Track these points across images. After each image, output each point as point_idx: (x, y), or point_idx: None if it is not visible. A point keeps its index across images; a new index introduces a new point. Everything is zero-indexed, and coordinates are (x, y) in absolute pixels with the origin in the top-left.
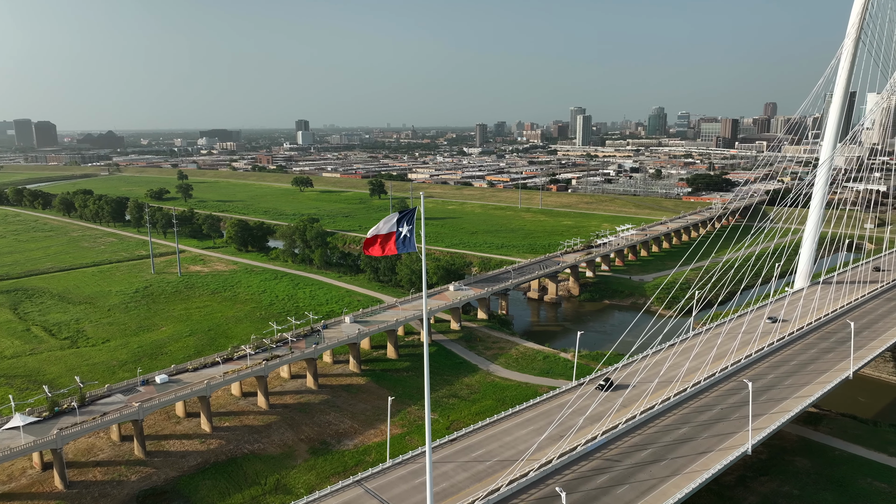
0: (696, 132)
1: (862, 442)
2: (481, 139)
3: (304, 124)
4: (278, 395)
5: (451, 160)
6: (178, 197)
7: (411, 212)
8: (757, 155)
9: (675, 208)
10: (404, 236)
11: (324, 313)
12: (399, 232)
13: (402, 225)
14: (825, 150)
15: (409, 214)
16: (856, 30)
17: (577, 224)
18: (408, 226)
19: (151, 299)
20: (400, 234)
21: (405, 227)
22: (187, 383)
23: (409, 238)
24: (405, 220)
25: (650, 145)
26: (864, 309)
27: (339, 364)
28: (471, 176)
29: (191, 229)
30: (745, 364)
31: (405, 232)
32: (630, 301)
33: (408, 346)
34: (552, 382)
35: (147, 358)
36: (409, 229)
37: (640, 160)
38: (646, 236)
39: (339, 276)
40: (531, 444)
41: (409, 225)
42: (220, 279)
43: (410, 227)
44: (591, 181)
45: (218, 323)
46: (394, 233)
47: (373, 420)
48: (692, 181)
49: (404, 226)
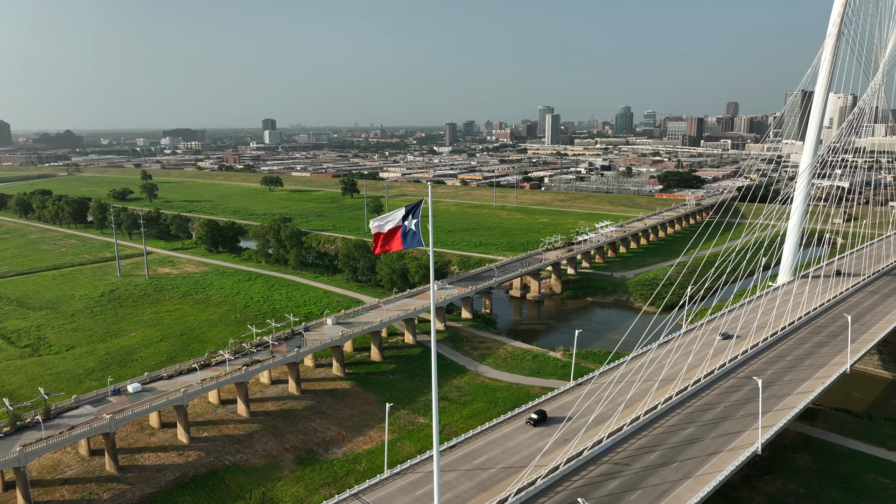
0: (663, 131)
1: (860, 437)
2: (451, 138)
3: (271, 123)
4: (259, 401)
5: (421, 159)
6: (142, 197)
7: (417, 205)
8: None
9: (648, 205)
10: (410, 230)
11: (302, 315)
12: (404, 226)
13: (408, 219)
14: (807, 149)
15: (415, 208)
16: (836, 29)
17: (554, 221)
18: (414, 219)
19: (118, 303)
20: (405, 228)
21: (411, 220)
22: (162, 392)
23: (415, 232)
24: (411, 214)
25: (618, 144)
26: (850, 302)
27: (322, 368)
28: (443, 174)
29: (158, 230)
30: (741, 360)
31: (411, 226)
32: (613, 298)
33: (392, 347)
34: (544, 383)
35: (116, 365)
36: (415, 223)
37: (609, 158)
38: (625, 233)
39: (315, 277)
40: (535, 450)
41: (416, 218)
42: (190, 281)
43: (416, 220)
44: (564, 179)
45: (191, 327)
46: (399, 227)
47: (360, 426)
48: (663, 178)
49: (410, 219)
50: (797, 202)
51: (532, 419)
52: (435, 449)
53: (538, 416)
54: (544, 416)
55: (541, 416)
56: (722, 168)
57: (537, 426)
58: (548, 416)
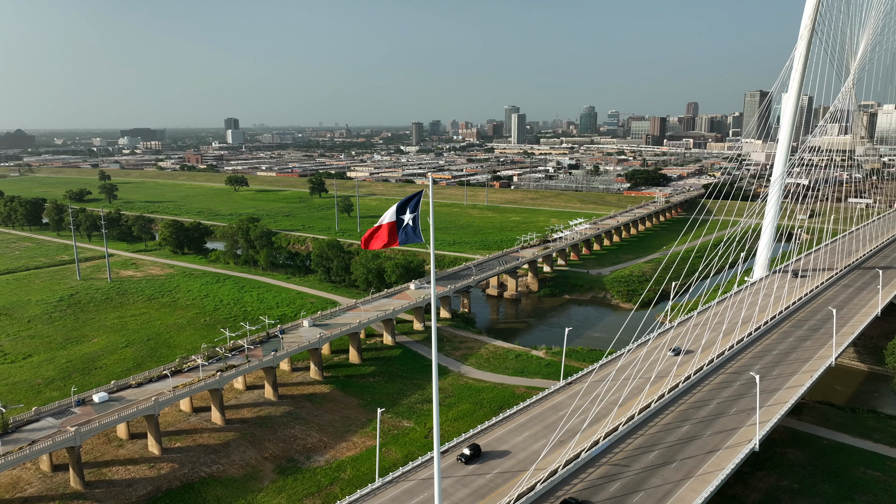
0: (626, 130)
1: (846, 430)
2: (417, 138)
3: (234, 123)
4: (234, 408)
5: (389, 158)
6: (101, 198)
7: (415, 197)
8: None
9: (618, 202)
10: (407, 224)
11: (275, 317)
12: (401, 220)
13: (405, 212)
14: (780, 148)
15: (413, 200)
16: (808, 31)
17: (525, 220)
18: (411, 213)
19: (79, 308)
20: (402, 222)
21: (408, 214)
22: (131, 401)
23: (413, 227)
24: (408, 207)
25: (583, 143)
26: (827, 296)
27: (299, 372)
28: (412, 174)
29: (119, 231)
30: (728, 356)
31: (408, 220)
32: (590, 295)
33: (371, 349)
34: (528, 382)
35: (78, 374)
36: (412, 217)
37: (576, 157)
38: (598, 230)
39: (287, 278)
40: (531, 452)
41: (413, 212)
42: (156, 284)
43: (414, 214)
44: (533, 178)
45: (158, 331)
46: (393, 222)
47: (343, 432)
48: (631, 176)
49: (407, 213)
50: (771, 200)
51: None
52: (436, 451)
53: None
54: None
55: None
56: (686, 166)
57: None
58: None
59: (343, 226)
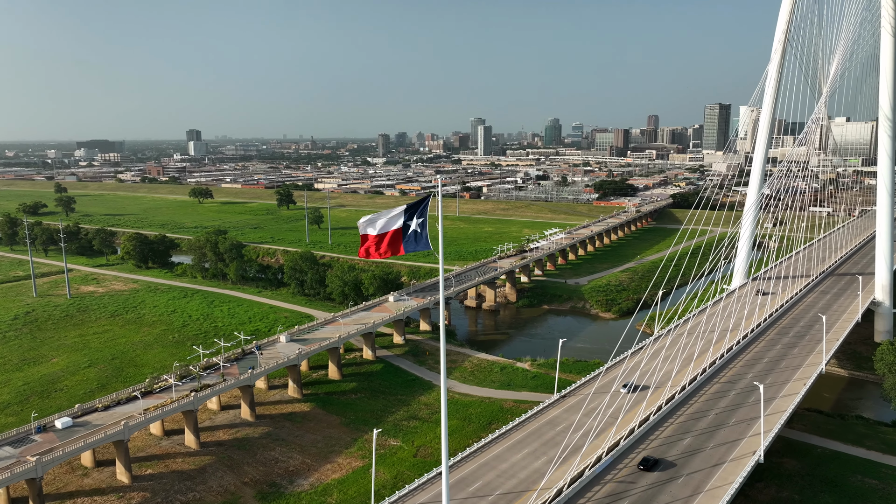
0: (591, 142)
1: (838, 437)
2: (384, 150)
3: (196, 134)
4: (209, 430)
5: (356, 170)
6: (57, 211)
7: (423, 202)
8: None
9: (589, 213)
10: (414, 231)
11: (249, 332)
12: (407, 226)
13: (412, 219)
14: (756, 159)
15: (421, 205)
16: (781, 46)
17: (498, 230)
18: (418, 219)
19: (36, 326)
20: (408, 228)
21: (415, 220)
22: (98, 426)
23: (420, 234)
24: (416, 213)
25: (549, 155)
26: (807, 302)
27: (276, 390)
28: (381, 185)
29: (79, 245)
30: (719, 366)
31: (415, 226)
32: (569, 305)
33: (350, 364)
34: (516, 395)
35: (37, 397)
36: (419, 223)
37: (543, 168)
38: (573, 240)
39: (258, 291)
40: (532, 471)
41: (421, 217)
42: (119, 300)
43: (422, 219)
44: (503, 188)
45: (123, 350)
46: (399, 229)
47: (326, 453)
48: (599, 187)
49: (414, 219)
50: (748, 209)
51: None
52: (444, 464)
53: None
54: None
55: None
56: (651, 177)
57: None
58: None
59: (314, 238)
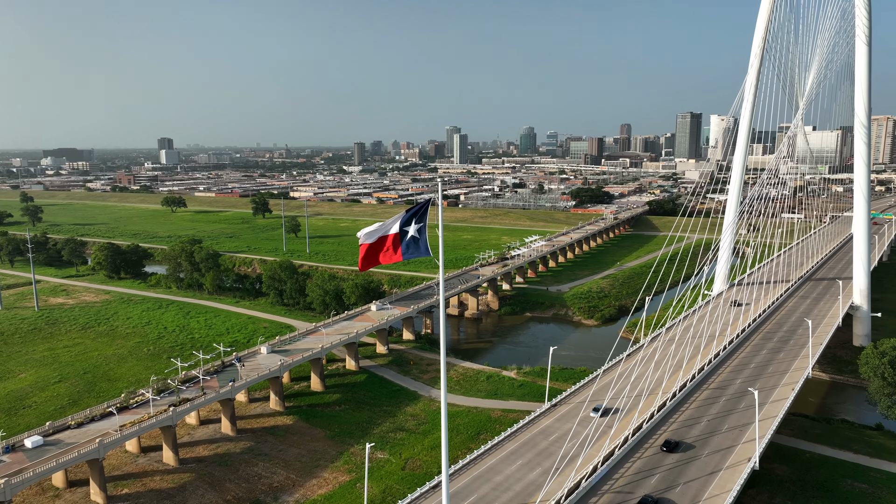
0: (565, 150)
1: (825, 441)
2: (360, 158)
3: (168, 143)
4: (188, 446)
5: (332, 178)
6: (23, 221)
7: (423, 207)
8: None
9: (567, 220)
10: (412, 237)
11: (227, 344)
12: (405, 232)
13: (410, 224)
14: (736, 167)
15: (420, 210)
16: (758, 60)
17: (477, 238)
18: (417, 224)
19: (2, 340)
20: (406, 234)
21: (413, 225)
22: (71, 444)
23: (418, 239)
24: (414, 218)
25: (525, 163)
26: (788, 307)
27: (257, 403)
28: (357, 193)
29: (47, 256)
30: (708, 371)
31: (413, 232)
32: (552, 312)
33: (333, 375)
34: (503, 405)
35: (3, 414)
36: (418, 228)
37: (519, 176)
38: (553, 247)
39: (236, 302)
40: (528, 483)
41: (420, 223)
42: (90, 312)
43: (420, 225)
44: (480, 196)
45: (95, 364)
46: (396, 234)
47: (311, 467)
48: (576, 194)
49: (412, 225)
50: (729, 215)
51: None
52: (444, 474)
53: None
54: None
55: None
56: (626, 184)
57: None
58: None
59: (291, 246)
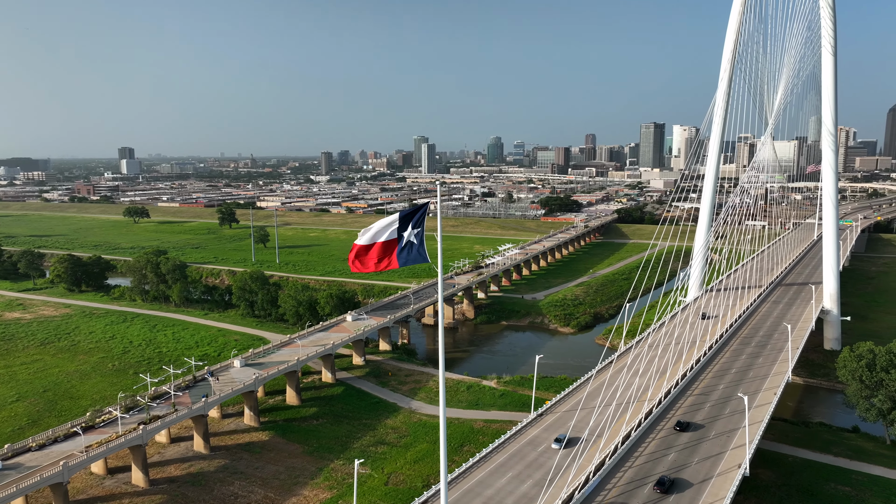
0: (532, 160)
1: (805, 445)
2: (327, 167)
3: (129, 152)
4: (158, 466)
5: (299, 188)
6: None
7: (420, 211)
8: (589, 180)
9: (538, 228)
10: (408, 242)
11: (197, 357)
12: (401, 237)
13: (407, 228)
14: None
15: (417, 214)
16: (728, 74)
17: (450, 247)
18: (414, 229)
19: None
20: (402, 239)
21: (410, 230)
22: (32, 468)
23: (416, 245)
24: (411, 223)
25: (493, 172)
26: (762, 312)
27: (231, 418)
28: (326, 203)
29: (1, 269)
30: (691, 377)
31: (411, 237)
32: (528, 320)
33: (309, 388)
34: (485, 415)
35: None
36: (416, 233)
37: (487, 186)
38: (526, 255)
39: (204, 314)
40: (520, 496)
41: (418, 228)
42: (49, 326)
43: (419, 230)
44: (451, 205)
45: (56, 381)
46: (394, 240)
47: (290, 485)
48: (545, 203)
49: (409, 229)
50: (702, 223)
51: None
52: (443, 483)
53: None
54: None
55: None
56: (593, 193)
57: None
58: None
59: (260, 257)
